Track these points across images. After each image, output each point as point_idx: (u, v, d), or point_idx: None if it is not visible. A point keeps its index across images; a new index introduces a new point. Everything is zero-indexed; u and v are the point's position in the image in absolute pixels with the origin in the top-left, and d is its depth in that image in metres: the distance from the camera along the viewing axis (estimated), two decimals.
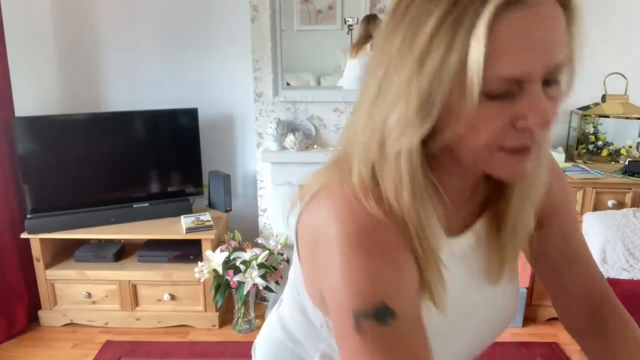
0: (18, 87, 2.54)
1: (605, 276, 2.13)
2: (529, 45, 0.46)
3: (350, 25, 2.53)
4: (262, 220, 2.73)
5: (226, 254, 2.33)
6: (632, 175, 2.38)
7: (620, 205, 2.36)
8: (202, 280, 2.37)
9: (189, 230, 2.42)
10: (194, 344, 2.41)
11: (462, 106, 0.48)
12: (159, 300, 2.51)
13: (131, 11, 2.65)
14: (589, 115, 2.58)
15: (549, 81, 0.50)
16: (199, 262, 2.35)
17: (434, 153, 0.54)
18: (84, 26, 2.68)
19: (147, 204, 2.59)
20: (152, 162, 2.62)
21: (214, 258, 2.33)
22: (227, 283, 2.31)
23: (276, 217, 2.66)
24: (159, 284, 2.48)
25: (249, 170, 2.81)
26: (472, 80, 0.46)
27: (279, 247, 2.45)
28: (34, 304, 2.54)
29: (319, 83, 2.69)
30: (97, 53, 2.71)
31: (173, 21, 2.66)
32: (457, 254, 0.63)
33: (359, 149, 0.56)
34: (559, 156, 2.57)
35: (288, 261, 2.44)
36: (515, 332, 2.48)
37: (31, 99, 2.69)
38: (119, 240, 2.66)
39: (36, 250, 2.45)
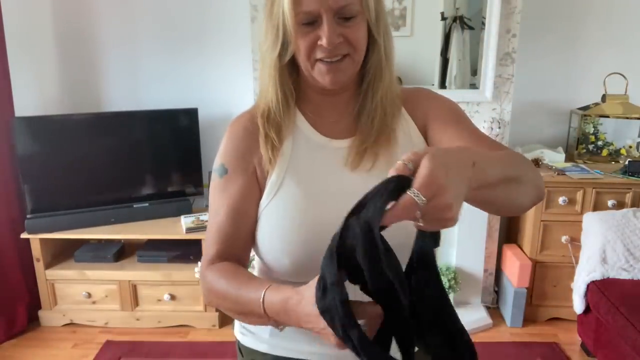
0: (18, 87, 2.53)
1: (605, 276, 2.13)
2: None
3: None
4: None
5: None
6: (632, 175, 2.38)
7: (620, 205, 2.36)
8: None
9: (189, 230, 2.42)
10: (194, 344, 2.41)
11: (291, 33, 0.78)
12: (159, 300, 2.51)
13: (131, 11, 2.65)
14: (589, 115, 2.58)
15: (345, 16, 0.77)
16: (198, 262, 2.34)
17: (304, 79, 0.86)
18: (84, 26, 2.68)
19: (147, 204, 2.59)
20: (152, 162, 2.62)
21: None
22: None
23: None
24: (159, 284, 2.48)
25: None
26: (287, 14, 0.76)
27: None
28: (34, 304, 2.54)
29: None
30: (97, 53, 2.71)
31: (173, 21, 2.66)
32: (332, 149, 0.87)
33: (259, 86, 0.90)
34: (559, 156, 2.57)
35: None
36: (515, 332, 2.48)
37: (31, 99, 2.69)
38: (119, 240, 2.66)
39: (36, 250, 2.45)
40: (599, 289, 2.10)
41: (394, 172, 0.54)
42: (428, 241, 0.62)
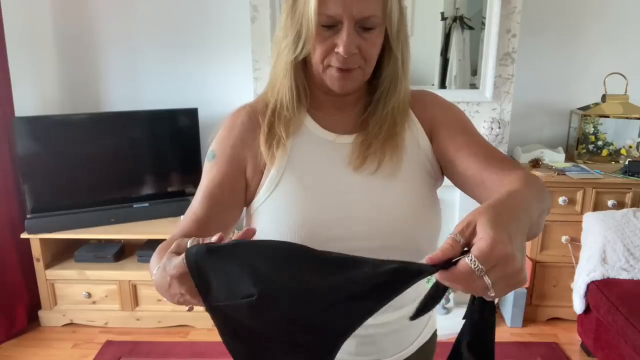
0: (18, 87, 2.54)
1: (605, 276, 2.13)
2: None
3: None
4: None
5: None
6: (632, 175, 2.38)
7: (620, 205, 2.36)
8: None
9: None
10: (194, 344, 2.41)
11: (310, 33, 0.78)
12: (159, 300, 2.51)
13: (131, 11, 2.65)
14: (589, 115, 2.58)
15: (365, 27, 0.77)
16: None
17: (311, 77, 0.85)
18: (84, 26, 2.68)
19: (147, 204, 2.59)
20: (152, 162, 2.62)
21: None
22: None
23: None
24: None
25: None
26: (311, 14, 0.76)
27: None
28: (34, 304, 2.54)
29: None
30: (97, 53, 2.71)
31: (173, 21, 2.66)
32: (334, 145, 0.87)
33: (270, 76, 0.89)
34: (559, 156, 2.57)
35: None
36: (515, 332, 2.48)
37: (31, 99, 2.69)
38: (119, 240, 2.66)
39: (36, 250, 2.45)
40: (599, 289, 2.10)
41: (445, 250, 0.51)
42: (485, 313, 0.57)
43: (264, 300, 0.52)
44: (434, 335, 1.00)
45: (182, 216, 2.69)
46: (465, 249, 0.51)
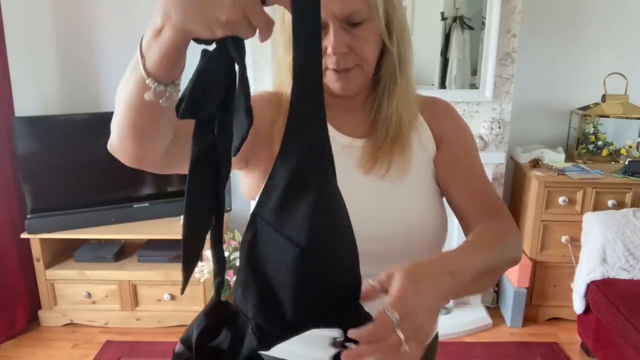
0: (18, 87, 2.54)
1: (605, 276, 2.13)
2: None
3: None
4: None
5: (226, 253, 2.33)
6: (632, 175, 2.38)
7: (620, 205, 2.36)
8: (202, 280, 2.37)
9: None
10: None
11: None
12: (159, 300, 2.51)
13: (131, 11, 2.65)
14: (589, 115, 2.58)
15: (352, 23, 0.76)
16: (199, 262, 2.34)
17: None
18: (83, 26, 2.67)
19: (147, 204, 2.59)
20: None
21: None
22: (227, 283, 2.31)
23: None
24: (159, 284, 2.48)
25: None
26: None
27: None
28: (34, 304, 2.54)
29: None
30: (97, 53, 2.71)
31: None
32: (345, 147, 0.86)
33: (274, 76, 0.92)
34: (559, 156, 2.58)
35: None
36: (515, 332, 2.48)
37: (31, 99, 2.69)
38: (119, 240, 2.66)
39: (36, 250, 2.45)
40: (599, 289, 2.10)
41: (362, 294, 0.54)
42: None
43: (309, 255, 0.52)
44: (436, 336, 1.00)
45: (182, 216, 2.69)
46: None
